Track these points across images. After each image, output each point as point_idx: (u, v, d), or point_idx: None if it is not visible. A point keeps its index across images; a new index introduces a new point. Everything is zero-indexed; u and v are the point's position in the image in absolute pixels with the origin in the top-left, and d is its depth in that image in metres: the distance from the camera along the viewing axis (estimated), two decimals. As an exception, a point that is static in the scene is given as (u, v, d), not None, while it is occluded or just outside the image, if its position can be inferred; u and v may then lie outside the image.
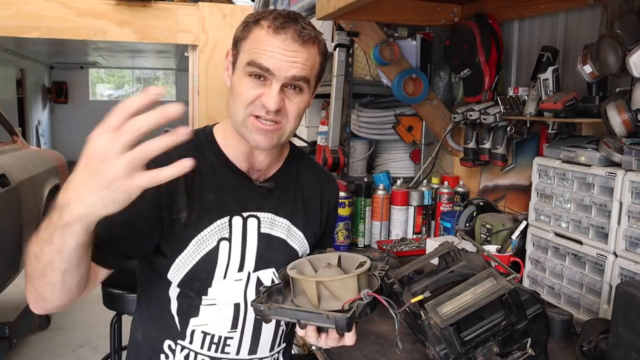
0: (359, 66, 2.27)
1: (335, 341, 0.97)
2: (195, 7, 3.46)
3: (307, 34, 1.04)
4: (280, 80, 1.03)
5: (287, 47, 1.02)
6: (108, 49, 7.55)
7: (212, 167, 1.14)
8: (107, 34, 3.28)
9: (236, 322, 1.15)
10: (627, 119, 1.26)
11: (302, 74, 1.04)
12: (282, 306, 0.95)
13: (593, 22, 1.59)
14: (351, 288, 0.94)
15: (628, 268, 1.19)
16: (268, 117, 1.05)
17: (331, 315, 0.88)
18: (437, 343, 0.92)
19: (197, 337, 1.14)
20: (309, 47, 1.05)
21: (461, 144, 2.07)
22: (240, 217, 1.14)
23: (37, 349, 3.37)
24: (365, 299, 0.91)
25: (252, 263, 1.14)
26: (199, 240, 1.09)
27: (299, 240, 1.21)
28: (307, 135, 2.93)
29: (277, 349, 1.23)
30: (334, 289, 0.95)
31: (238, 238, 1.13)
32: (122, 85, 10.55)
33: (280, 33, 1.02)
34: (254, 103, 1.05)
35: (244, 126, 1.08)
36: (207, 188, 1.12)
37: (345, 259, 1.08)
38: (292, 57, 1.03)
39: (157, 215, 1.06)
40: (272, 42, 1.02)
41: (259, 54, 1.03)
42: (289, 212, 1.20)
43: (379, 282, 0.99)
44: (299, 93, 1.07)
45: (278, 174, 1.21)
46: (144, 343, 1.20)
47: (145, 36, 3.36)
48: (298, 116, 1.09)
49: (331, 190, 1.33)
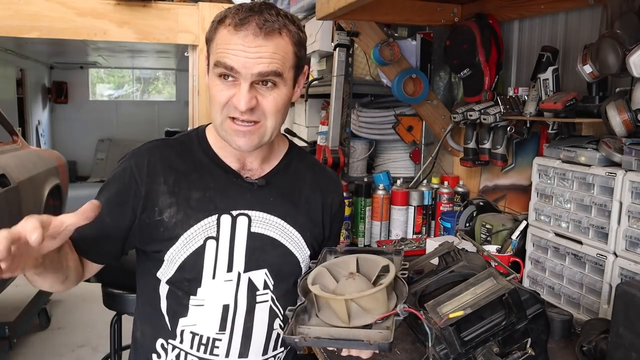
0: (359, 66, 2.27)
1: (369, 354, 0.96)
2: (195, 7, 3.46)
3: (269, 26, 0.99)
4: (247, 78, 1.00)
5: (249, 43, 0.98)
6: (108, 49, 7.55)
7: (201, 166, 1.14)
8: (107, 34, 3.28)
9: (224, 323, 1.12)
10: (627, 119, 1.26)
11: (269, 69, 1.00)
12: (319, 336, 0.90)
13: (593, 22, 1.59)
14: (381, 300, 0.90)
15: (628, 268, 1.18)
16: (243, 117, 1.03)
17: (373, 341, 0.84)
18: (437, 343, 0.92)
19: (186, 337, 1.13)
20: (275, 38, 1.00)
21: (461, 144, 2.07)
22: (229, 216, 1.11)
23: (37, 349, 3.37)
24: (402, 314, 0.86)
25: (241, 263, 1.12)
26: (186, 238, 1.09)
27: (295, 241, 1.17)
28: (307, 135, 2.93)
29: (271, 354, 1.18)
30: (363, 303, 0.91)
31: (226, 237, 1.11)
32: (122, 85, 10.54)
33: (240, 30, 0.99)
34: (228, 105, 1.03)
35: (223, 130, 1.07)
36: (194, 187, 1.11)
37: (363, 262, 1.02)
38: (256, 53, 0.99)
39: (133, 219, 1.10)
40: (234, 40, 0.99)
41: (223, 54, 1.00)
42: (284, 211, 1.16)
43: (406, 288, 0.94)
44: (273, 88, 1.03)
45: (273, 171, 1.18)
46: (142, 341, 1.20)
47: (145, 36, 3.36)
48: (277, 112, 1.05)
49: (334, 191, 1.27)
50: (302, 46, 1.08)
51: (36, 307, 3.53)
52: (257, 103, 1.02)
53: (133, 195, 1.10)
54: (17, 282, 3.36)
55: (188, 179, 1.12)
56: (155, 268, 1.12)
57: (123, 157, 1.16)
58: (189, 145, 1.16)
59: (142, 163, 1.12)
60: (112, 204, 1.09)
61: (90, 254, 1.10)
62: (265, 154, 1.17)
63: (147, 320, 1.19)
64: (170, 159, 1.13)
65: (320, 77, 2.58)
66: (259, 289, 1.13)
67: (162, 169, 1.12)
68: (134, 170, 1.11)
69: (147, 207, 1.09)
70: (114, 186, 1.12)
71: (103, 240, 1.09)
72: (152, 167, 1.11)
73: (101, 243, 1.10)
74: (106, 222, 1.08)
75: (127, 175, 1.11)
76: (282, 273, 1.15)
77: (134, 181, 1.10)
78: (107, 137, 9.57)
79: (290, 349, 1.25)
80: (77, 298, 4.04)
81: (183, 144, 1.17)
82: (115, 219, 1.09)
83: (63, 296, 4.07)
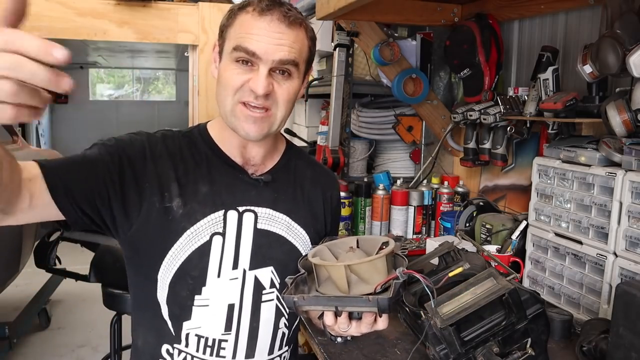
0: (359, 66, 2.27)
1: (369, 326, 0.93)
2: (195, 7, 3.45)
3: (293, 15, 1.01)
4: (267, 63, 1.00)
5: (273, 28, 0.99)
6: (108, 49, 7.55)
7: (207, 160, 1.12)
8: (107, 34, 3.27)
9: (230, 323, 1.11)
10: (627, 119, 1.26)
11: (289, 57, 1.01)
12: (318, 295, 0.90)
13: (593, 22, 1.59)
14: (381, 269, 0.90)
15: (628, 268, 1.18)
16: (257, 102, 1.02)
17: (372, 298, 0.83)
18: (437, 343, 0.92)
19: (192, 340, 1.11)
20: (296, 29, 1.02)
21: (461, 144, 2.07)
22: (236, 212, 1.10)
23: (37, 349, 3.37)
24: (402, 277, 0.86)
25: (247, 260, 1.10)
26: (192, 233, 1.06)
27: (301, 238, 1.17)
28: (307, 135, 2.93)
29: (276, 353, 1.18)
30: (362, 272, 0.91)
31: (232, 233, 1.09)
32: (122, 85, 10.53)
33: (266, 15, 0.99)
34: (242, 89, 1.02)
35: (233, 115, 1.05)
36: (202, 180, 1.10)
37: (363, 242, 1.03)
38: (279, 40, 1.00)
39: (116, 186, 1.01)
40: (258, 25, 1.00)
41: (245, 38, 1.00)
42: (289, 207, 1.16)
43: (405, 261, 0.95)
44: (288, 78, 1.04)
45: (275, 168, 1.18)
46: (145, 349, 1.19)
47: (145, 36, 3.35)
48: (288, 102, 1.06)
49: (332, 186, 1.29)
50: (314, 44, 1.10)
51: (36, 307, 3.53)
52: (272, 89, 1.03)
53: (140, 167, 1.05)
54: (17, 282, 3.36)
55: (196, 173, 1.10)
56: (155, 268, 1.08)
57: (132, 132, 1.12)
58: (194, 140, 1.15)
59: (156, 145, 1.09)
60: (108, 156, 1.02)
61: (60, 179, 0.96)
62: (268, 148, 1.16)
63: (149, 327, 1.16)
64: (181, 149, 1.12)
65: (320, 77, 2.58)
66: (266, 287, 1.12)
67: (173, 157, 1.09)
68: (146, 146, 1.07)
69: (158, 191, 1.05)
70: (122, 144, 1.06)
71: (75, 175, 0.98)
72: (165, 153, 1.09)
73: (72, 178, 0.97)
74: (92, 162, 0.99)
75: (137, 145, 1.07)
76: (288, 270, 1.14)
77: (143, 155, 1.06)
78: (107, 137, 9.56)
79: (294, 347, 1.25)
80: (77, 298, 4.05)
81: (190, 137, 1.15)
82: (102, 168, 1.00)
83: (63, 296, 4.07)
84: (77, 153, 1.04)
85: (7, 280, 3.07)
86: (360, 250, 0.99)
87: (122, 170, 1.04)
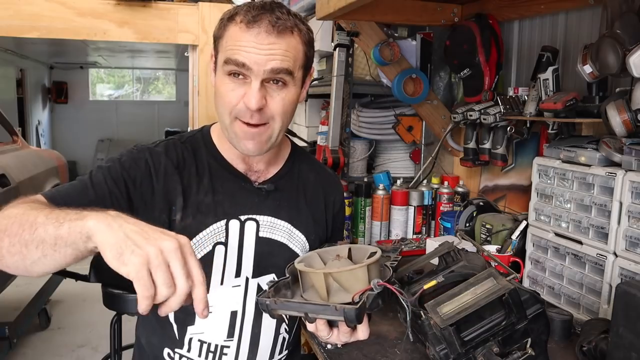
0: (359, 66, 2.27)
1: (348, 335, 0.93)
2: (195, 7, 3.45)
3: (282, 24, 0.99)
4: (259, 75, 0.99)
5: (262, 40, 0.98)
6: (108, 49, 7.54)
7: (209, 169, 1.12)
8: (107, 34, 3.27)
9: (232, 330, 1.11)
10: (627, 119, 1.26)
11: (281, 66, 0.99)
12: (289, 300, 0.91)
13: (593, 22, 1.59)
14: (362, 279, 0.90)
15: (628, 268, 1.18)
16: (253, 120, 1.01)
17: (339, 307, 0.84)
18: (437, 343, 0.92)
19: (194, 345, 1.12)
20: (287, 36, 1.00)
21: (461, 144, 2.07)
22: (238, 221, 1.10)
23: (37, 349, 3.37)
24: (376, 289, 0.86)
25: (249, 268, 1.11)
26: (195, 244, 1.07)
27: (301, 244, 1.17)
28: (307, 135, 2.93)
29: (277, 357, 1.19)
30: (343, 280, 0.91)
31: (235, 242, 1.10)
32: (122, 85, 10.53)
33: (253, 27, 0.98)
34: (238, 107, 1.02)
35: (232, 132, 1.05)
36: (205, 190, 1.10)
37: (355, 251, 1.04)
38: (269, 50, 0.98)
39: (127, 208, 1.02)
40: (246, 37, 0.98)
41: (234, 51, 0.99)
42: (291, 214, 1.16)
43: (391, 273, 0.95)
44: (283, 87, 1.02)
45: (278, 175, 1.18)
46: (148, 349, 1.19)
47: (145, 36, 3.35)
48: (284, 113, 1.04)
49: (335, 190, 1.28)
50: (312, 46, 1.08)
51: (36, 307, 3.53)
52: (265, 104, 1.01)
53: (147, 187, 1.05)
54: (17, 282, 3.37)
55: (199, 183, 1.10)
56: None
57: (132, 147, 1.11)
58: (197, 147, 1.14)
59: (159, 160, 1.08)
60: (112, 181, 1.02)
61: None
62: (271, 155, 1.16)
63: (154, 330, 1.17)
64: (184, 160, 1.11)
65: (320, 77, 2.58)
66: None
67: (177, 169, 1.09)
68: (150, 164, 1.07)
69: (165, 206, 1.06)
70: (126, 166, 1.05)
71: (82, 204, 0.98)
72: (170, 166, 1.09)
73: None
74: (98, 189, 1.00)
75: (142, 165, 1.07)
76: None
77: (149, 174, 1.07)
78: (107, 137, 9.56)
79: (293, 350, 1.25)
80: (77, 298, 4.04)
81: (192, 144, 1.15)
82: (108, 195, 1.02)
83: (63, 296, 4.07)
84: (82, 177, 1.04)
85: (7, 280, 3.07)
86: (347, 259, 0.99)
87: (128, 194, 1.04)
